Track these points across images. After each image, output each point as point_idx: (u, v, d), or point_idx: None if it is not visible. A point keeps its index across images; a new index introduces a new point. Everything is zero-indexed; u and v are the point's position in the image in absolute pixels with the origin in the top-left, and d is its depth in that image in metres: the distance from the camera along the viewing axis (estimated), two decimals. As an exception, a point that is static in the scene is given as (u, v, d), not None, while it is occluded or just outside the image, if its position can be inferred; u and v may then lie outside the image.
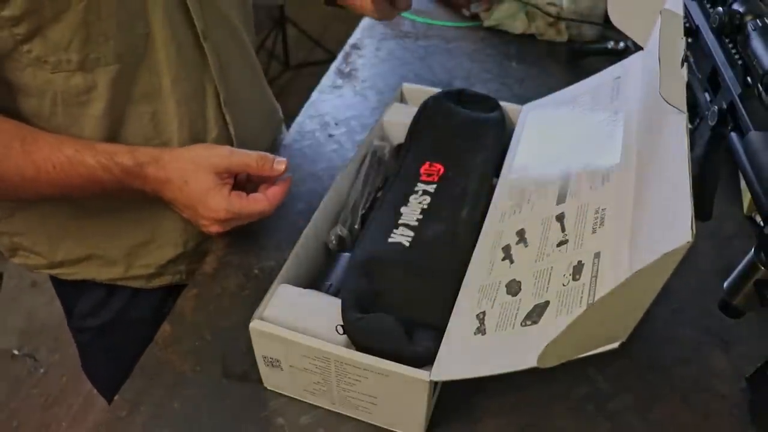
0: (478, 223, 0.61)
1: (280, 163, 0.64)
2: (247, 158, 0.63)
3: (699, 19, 0.59)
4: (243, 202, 0.62)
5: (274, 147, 0.87)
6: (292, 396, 0.58)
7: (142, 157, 0.61)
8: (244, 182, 0.66)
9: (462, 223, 0.61)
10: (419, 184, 0.65)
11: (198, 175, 0.61)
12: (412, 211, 0.62)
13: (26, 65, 0.59)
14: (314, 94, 0.96)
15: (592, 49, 1.04)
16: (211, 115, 0.72)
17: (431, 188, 0.64)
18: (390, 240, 0.59)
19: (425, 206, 0.62)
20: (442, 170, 0.67)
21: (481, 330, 0.50)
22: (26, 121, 0.62)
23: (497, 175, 0.68)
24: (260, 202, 0.63)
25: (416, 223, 0.61)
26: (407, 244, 0.58)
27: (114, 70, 0.62)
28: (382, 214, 0.62)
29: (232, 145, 0.74)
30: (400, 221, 0.61)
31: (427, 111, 0.74)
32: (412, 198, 0.64)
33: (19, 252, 0.77)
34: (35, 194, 0.63)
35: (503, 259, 0.56)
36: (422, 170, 0.67)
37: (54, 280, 0.82)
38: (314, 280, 0.61)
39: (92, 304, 0.81)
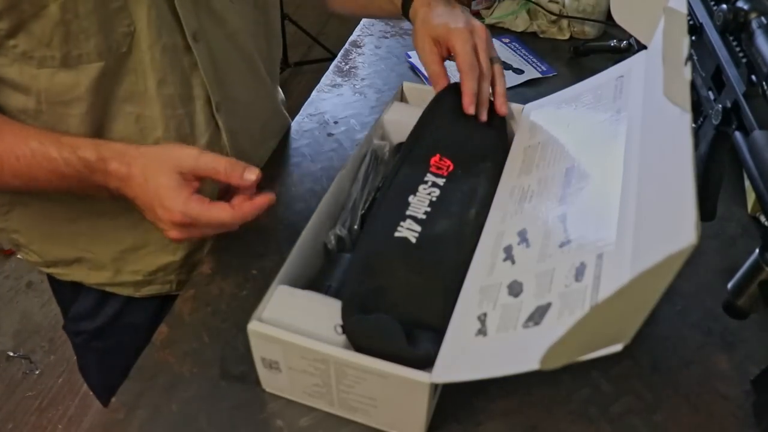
0: (484, 225, 0.61)
1: (251, 173, 0.57)
2: (215, 162, 0.57)
3: (703, 16, 0.59)
4: (201, 207, 0.56)
5: (277, 156, 0.84)
6: (290, 398, 0.57)
7: (106, 152, 0.58)
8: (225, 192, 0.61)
9: (470, 224, 0.60)
10: (429, 175, 0.64)
11: (159, 172, 0.56)
12: (420, 202, 0.61)
13: (13, 60, 0.59)
14: (313, 93, 0.95)
15: (594, 48, 1.03)
16: (200, 120, 0.70)
17: (440, 181, 0.64)
18: (396, 234, 0.58)
19: (434, 199, 0.61)
20: (451, 167, 0.66)
21: (482, 331, 0.50)
22: (14, 117, 0.62)
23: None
24: (223, 210, 0.56)
25: (424, 216, 0.60)
26: (414, 241, 0.58)
27: (97, 69, 0.61)
28: (391, 201, 0.61)
29: (225, 153, 0.72)
30: (408, 212, 0.60)
31: (441, 102, 0.71)
32: (421, 187, 0.62)
33: (20, 248, 0.77)
34: (2, 184, 0.61)
35: (505, 260, 0.55)
36: (432, 161, 0.66)
37: (51, 279, 0.82)
38: (313, 281, 0.60)
39: (87, 308, 0.80)
